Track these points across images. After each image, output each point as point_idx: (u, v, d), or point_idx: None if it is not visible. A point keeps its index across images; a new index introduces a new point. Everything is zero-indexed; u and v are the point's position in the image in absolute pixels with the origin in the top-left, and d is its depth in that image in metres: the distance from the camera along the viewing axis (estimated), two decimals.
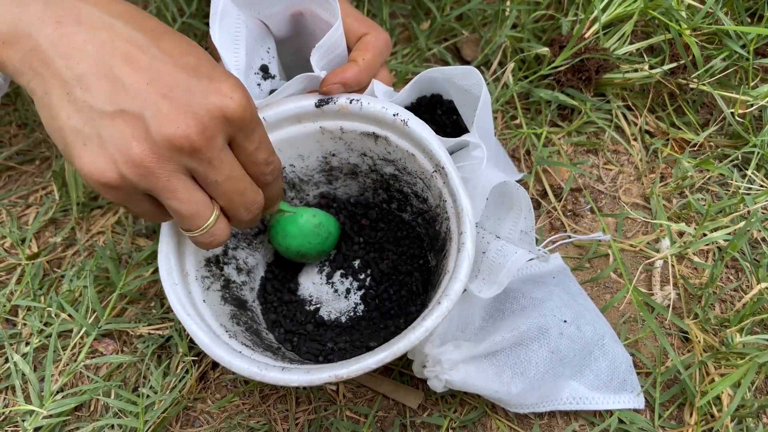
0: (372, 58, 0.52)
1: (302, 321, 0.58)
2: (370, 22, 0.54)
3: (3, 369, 0.59)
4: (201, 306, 0.49)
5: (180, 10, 0.82)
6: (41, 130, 0.78)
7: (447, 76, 0.55)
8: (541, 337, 0.52)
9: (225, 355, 0.45)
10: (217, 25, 0.52)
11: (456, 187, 0.49)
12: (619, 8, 0.73)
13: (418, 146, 0.51)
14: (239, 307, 0.55)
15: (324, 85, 0.51)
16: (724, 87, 0.72)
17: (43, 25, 0.36)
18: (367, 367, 0.42)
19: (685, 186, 0.69)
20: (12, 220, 0.69)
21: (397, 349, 0.42)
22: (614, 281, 0.64)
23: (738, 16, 0.78)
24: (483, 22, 0.83)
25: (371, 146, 0.55)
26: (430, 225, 0.57)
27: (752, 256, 0.64)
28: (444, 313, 0.43)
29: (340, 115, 0.53)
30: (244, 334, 0.51)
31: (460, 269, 0.46)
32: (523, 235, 0.52)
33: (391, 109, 0.51)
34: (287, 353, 0.54)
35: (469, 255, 0.46)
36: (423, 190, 0.55)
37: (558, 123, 0.75)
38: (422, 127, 0.51)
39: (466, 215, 0.48)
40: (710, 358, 0.55)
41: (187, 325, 0.46)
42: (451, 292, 0.44)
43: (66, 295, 0.63)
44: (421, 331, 0.43)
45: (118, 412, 0.57)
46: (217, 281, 0.53)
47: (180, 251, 0.50)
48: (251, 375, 0.44)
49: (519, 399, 0.53)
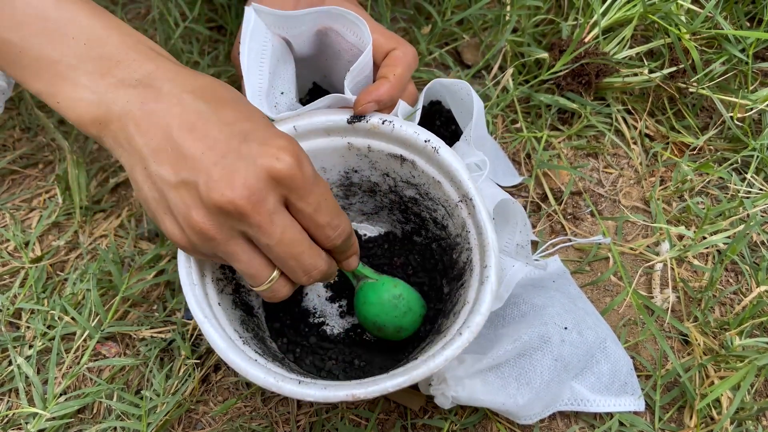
0: (402, 73, 0.52)
1: (305, 333, 0.58)
2: (396, 37, 0.54)
3: (6, 372, 0.60)
4: (216, 309, 0.49)
5: (183, 14, 0.82)
6: (44, 134, 0.78)
7: (445, 86, 0.55)
8: (544, 346, 0.52)
9: (241, 362, 0.44)
10: (246, 45, 0.52)
11: (483, 220, 0.49)
12: (618, 12, 0.74)
13: (447, 175, 0.51)
14: (247, 312, 0.55)
15: (358, 105, 0.51)
16: (724, 91, 0.72)
17: (130, 107, 0.40)
18: (384, 389, 0.42)
19: (685, 189, 0.69)
20: (15, 224, 0.69)
21: (416, 375, 0.42)
22: (614, 284, 0.64)
23: (737, 20, 0.78)
24: (483, 27, 0.83)
25: (396, 168, 0.55)
26: (445, 252, 0.56)
27: (752, 260, 0.64)
28: (465, 344, 0.44)
29: (371, 134, 0.53)
30: (253, 341, 0.50)
31: (482, 303, 0.45)
32: (520, 249, 0.52)
33: (423, 135, 0.51)
34: (291, 364, 0.53)
35: (492, 289, 0.46)
36: (444, 217, 0.54)
37: (558, 127, 0.75)
38: (453, 156, 0.50)
39: (492, 249, 0.48)
40: (710, 361, 0.56)
41: (205, 329, 0.45)
42: (473, 324, 0.44)
43: (69, 298, 0.63)
44: (440, 360, 0.43)
45: (121, 414, 0.57)
46: (229, 284, 0.53)
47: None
48: (267, 386, 0.43)
49: (526, 410, 0.53)
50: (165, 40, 0.81)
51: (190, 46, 0.82)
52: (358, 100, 0.51)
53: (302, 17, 0.53)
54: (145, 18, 0.87)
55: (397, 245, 0.62)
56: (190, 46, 0.82)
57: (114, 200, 0.72)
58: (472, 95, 0.53)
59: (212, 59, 0.80)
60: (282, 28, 0.55)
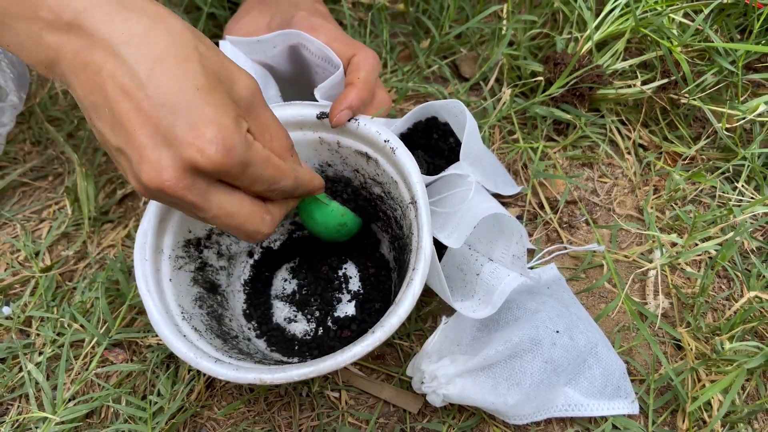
0: (366, 75, 0.55)
1: (275, 326, 0.62)
2: (356, 43, 0.57)
3: (17, 378, 0.62)
4: (166, 284, 0.52)
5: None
6: (54, 147, 0.81)
7: (438, 106, 0.58)
8: (534, 348, 0.54)
9: (169, 335, 0.48)
10: None
11: (422, 223, 0.49)
12: (611, 26, 0.76)
13: (401, 175, 0.53)
14: (209, 290, 0.58)
15: (333, 116, 0.54)
16: (715, 102, 0.74)
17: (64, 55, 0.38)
18: (289, 377, 0.44)
19: (678, 198, 0.70)
20: (26, 234, 0.71)
21: (323, 367, 0.44)
22: (608, 291, 0.66)
23: (729, 32, 0.80)
24: (481, 40, 0.85)
25: (363, 165, 0.57)
26: (400, 253, 0.58)
27: (743, 266, 0.65)
28: (375, 343, 0.45)
29: (339, 130, 0.56)
30: (201, 317, 0.54)
31: (401, 304, 0.46)
32: (516, 260, 0.54)
33: (384, 135, 0.53)
34: (240, 343, 0.56)
35: (414, 293, 0.46)
36: (400, 217, 0.56)
37: (554, 137, 0.77)
38: (407, 157, 0.52)
39: (422, 253, 0.48)
40: (701, 365, 0.57)
41: (145, 301, 0.50)
42: (387, 324, 0.45)
43: (78, 306, 0.65)
44: (348, 356, 0.44)
45: (128, 418, 0.59)
46: (192, 263, 0.56)
47: (161, 228, 0.53)
48: (186, 359, 0.47)
49: (516, 410, 0.54)
50: None
51: None
52: (332, 111, 0.54)
53: (272, 39, 0.57)
54: None
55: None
56: None
57: (121, 211, 0.74)
58: (466, 114, 0.55)
59: None
60: (258, 53, 0.59)
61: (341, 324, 0.61)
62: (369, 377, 0.60)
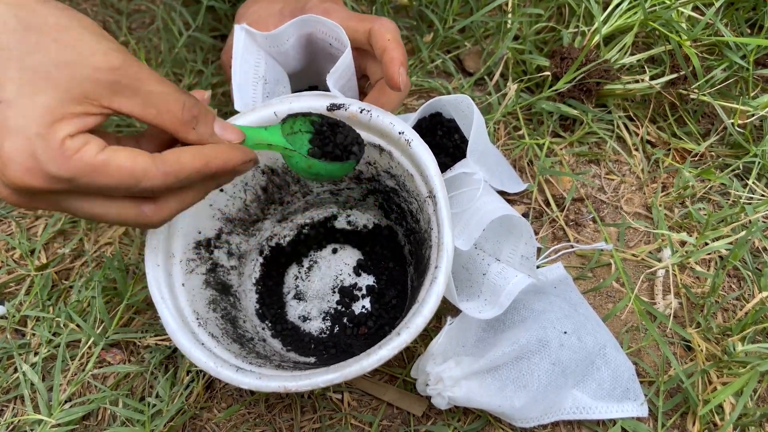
0: (394, 35, 0.52)
1: (289, 325, 0.61)
2: (369, 16, 0.55)
3: (12, 379, 0.60)
4: (179, 289, 0.50)
5: (186, 24, 0.83)
6: None
7: (448, 102, 0.56)
8: (542, 350, 0.52)
9: (187, 343, 0.46)
10: (238, 64, 0.53)
11: (443, 218, 0.48)
12: (619, 20, 0.74)
13: (417, 168, 0.51)
14: (222, 292, 0.56)
15: (395, 80, 0.50)
16: (725, 97, 0.73)
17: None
18: (315, 384, 0.43)
19: (687, 196, 0.69)
20: (21, 232, 0.70)
21: (348, 372, 0.42)
22: (616, 290, 0.64)
23: (738, 27, 0.78)
24: (485, 35, 0.84)
25: (376, 157, 0.55)
26: (417, 247, 0.57)
27: (754, 266, 0.64)
28: (401, 345, 0.43)
29: (351, 122, 0.53)
30: (216, 322, 0.52)
31: (426, 304, 0.45)
32: (524, 260, 0.52)
33: (398, 126, 0.51)
34: (257, 345, 0.55)
35: (438, 291, 0.45)
36: (416, 211, 0.55)
37: (560, 133, 0.76)
38: (424, 150, 0.50)
39: (445, 250, 0.46)
40: (712, 367, 0.56)
41: (160, 309, 0.48)
42: (412, 325, 0.44)
43: (74, 305, 0.64)
44: (374, 359, 0.43)
45: (126, 421, 0.57)
46: (203, 264, 0.54)
47: (170, 232, 0.51)
48: (206, 369, 0.45)
49: (523, 413, 0.53)
50: (169, 49, 0.82)
51: (194, 55, 0.83)
52: (390, 77, 0.50)
53: (285, 30, 0.55)
54: (149, 27, 0.88)
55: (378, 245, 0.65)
56: (194, 54, 0.83)
57: None
58: (473, 109, 0.53)
59: (216, 68, 0.81)
60: (273, 44, 0.57)
61: (357, 321, 0.60)
62: (372, 378, 0.59)
